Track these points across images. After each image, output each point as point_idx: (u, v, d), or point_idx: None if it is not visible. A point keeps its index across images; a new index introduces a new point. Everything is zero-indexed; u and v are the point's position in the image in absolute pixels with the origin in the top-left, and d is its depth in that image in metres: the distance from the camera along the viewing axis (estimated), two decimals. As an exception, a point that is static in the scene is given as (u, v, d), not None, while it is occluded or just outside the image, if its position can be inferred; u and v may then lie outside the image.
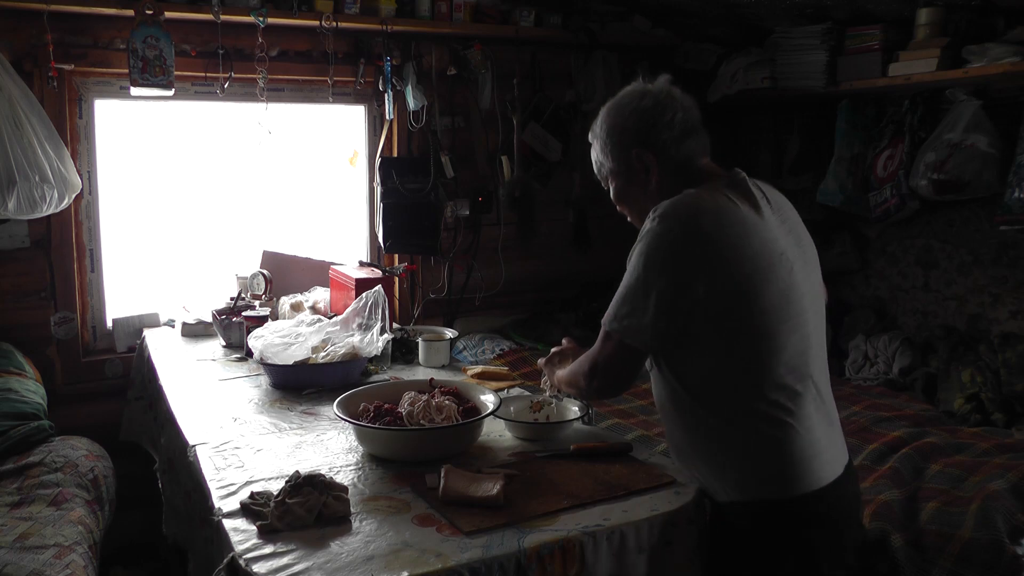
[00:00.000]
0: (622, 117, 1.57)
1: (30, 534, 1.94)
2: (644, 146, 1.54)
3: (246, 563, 1.31)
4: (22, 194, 2.52)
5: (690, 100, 1.58)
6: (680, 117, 1.54)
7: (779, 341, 1.43)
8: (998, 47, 2.56)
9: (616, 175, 1.61)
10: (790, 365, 1.44)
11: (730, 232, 1.41)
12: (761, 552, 1.50)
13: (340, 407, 1.82)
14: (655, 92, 1.56)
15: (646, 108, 1.54)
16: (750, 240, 1.42)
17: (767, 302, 1.41)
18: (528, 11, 3.35)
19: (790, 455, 1.44)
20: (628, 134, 1.55)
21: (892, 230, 3.37)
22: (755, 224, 1.44)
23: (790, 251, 1.47)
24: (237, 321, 2.70)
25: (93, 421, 2.76)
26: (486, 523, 1.43)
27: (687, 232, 1.40)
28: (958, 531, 1.84)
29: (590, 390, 1.61)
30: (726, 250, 1.40)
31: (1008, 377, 2.70)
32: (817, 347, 1.52)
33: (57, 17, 2.67)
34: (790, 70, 3.22)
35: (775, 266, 1.42)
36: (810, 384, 1.48)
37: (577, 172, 3.62)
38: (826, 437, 1.50)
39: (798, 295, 1.46)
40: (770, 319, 1.41)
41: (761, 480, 1.47)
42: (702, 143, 1.57)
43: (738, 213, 1.44)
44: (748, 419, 1.45)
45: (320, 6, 2.92)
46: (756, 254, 1.41)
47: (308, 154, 3.45)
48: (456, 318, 3.50)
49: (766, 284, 1.41)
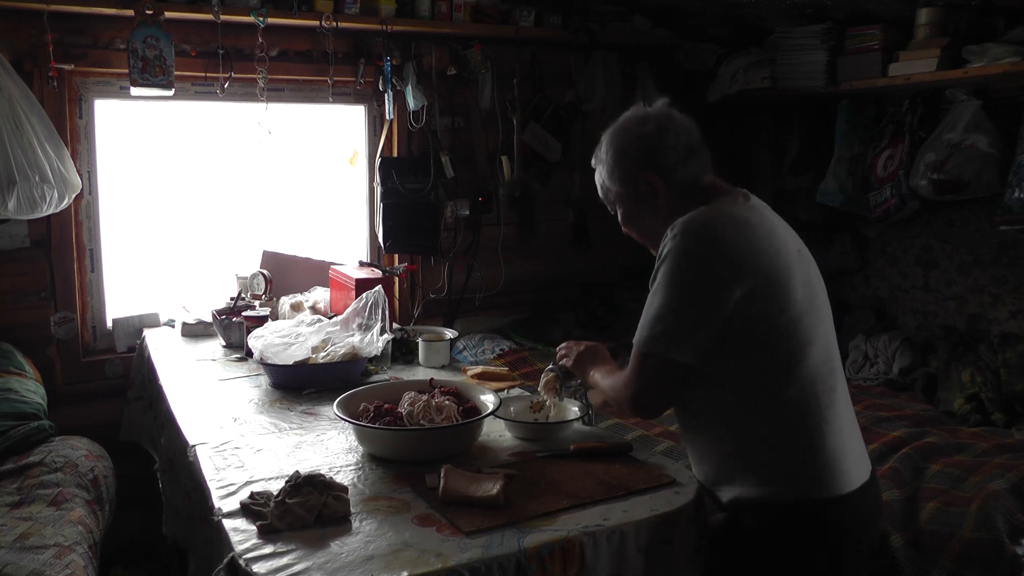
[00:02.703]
0: (626, 143, 1.60)
1: (30, 534, 1.94)
2: (650, 170, 1.57)
3: (246, 563, 1.31)
4: (22, 194, 2.52)
5: (689, 120, 1.61)
6: (683, 140, 1.57)
7: (809, 334, 1.47)
8: (998, 47, 2.56)
9: (623, 199, 1.65)
10: (822, 358, 1.48)
11: (749, 236, 1.46)
12: (779, 557, 1.50)
13: (340, 407, 1.82)
14: (656, 116, 1.60)
15: (650, 134, 1.58)
16: (770, 241, 1.47)
17: (797, 295, 1.46)
18: (528, 11, 3.35)
19: (820, 454, 1.46)
20: (633, 160, 1.59)
21: (892, 230, 3.37)
22: (770, 228, 1.50)
23: (803, 250, 1.54)
24: (237, 321, 2.70)
25: (93, 421, 2.76)
26: (486, 523, 1.43)
27: (710, 243, 1.44)
28: (958, 531, 1.84)
29: (634, 413, 1.60)
30: (750, 254, 1.44)
31: (1008, 377, 2.70)
32: (837, 349, 1.56)
33: (57, 17, 2.67)
34: (790, 70, 3.22)
35: (797, 262, 1.48)
36: (840, 379, 1.52)
37: (577, 172, 3.62)
38: (853, 439, 1.52)
39: (819, 290, 1.52)
40: (800, 312, 1.46)
41: (786, 480, 1.47)
42: (704, 162, 1.61)
43: (751, 220, 1.50)
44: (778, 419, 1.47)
45: (320, 6, 2.92)
46: (778, 253, 1.47)
47: (308, 154, 3.45)
48: (456, 318, 3.50)
49: (792, 280, 1.46)
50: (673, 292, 1.45)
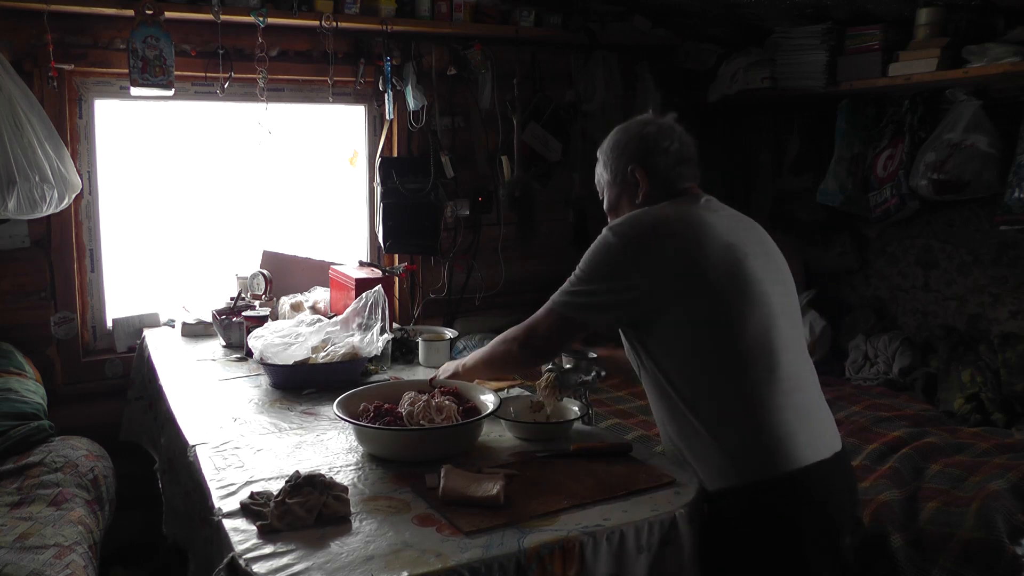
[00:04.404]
0: (627, 137, 1.77)
1: (30, 534, 1.94)
2: (639, 164, 1.73)
3: (246, 563, 1.30)
4: (22, 194, 2.52)
5: (690, 138, 1.77)
6: (676, 148, 1.73)
7: (735, 323, 1.55)
8: (998, 47, 2.56)
9: (611, 187, 1.80)
10: (756, 341, 1.54)
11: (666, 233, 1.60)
12: (746, 537, 1.54)
13: (340, 407, 1.82)
14: (660, 122, 1.77)
15: (649, 134, 1.74)
16: (687, 236, 1.59)
17: (716, 282, 1.55)
18: (528, 11, 3.35)
19: (760, 437, 1.52)
20: (628, 152, 1.75)
21: (892, 230, 3.37)
22: (696, 225, 1.61)
23: (741, 244, 1.61)
24: (237, 321, 2.70)
25: (93, 421, 2.76)
26: (486, 523, 1.43)
27: (626, 239, 1.60)
28: (958, 531, 1.84)
29: (521, 348, 1.76)
30: (662, 249, 1.58)
31: (1008, 377, 2.70)
32: (787, 332, 1.60)
33: (57, 17, 2.67)
34: (790, 70, 3.22)
35: (721, 252, 1.57)
36: (779, 366, 1.55)
37: (577, 172, 3.62)
38: (799, 420, 1.55)
39: (753, 279, 1.58)
40: (723, 296, 1.56)
41: (736, 462, 1.53)
42: (692, 173, 1.75)
43: (679, 218, 1.63)
44: (718, 404, 1.55)
45: (320, 6, 2.92)
46: (692, 246, 1.58)
47: (308, 154, 3.45)
48: (456, 318, 3.50)
49: (713, 267, 1.56)
50: (588, 272, 1.65)
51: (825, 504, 1.54)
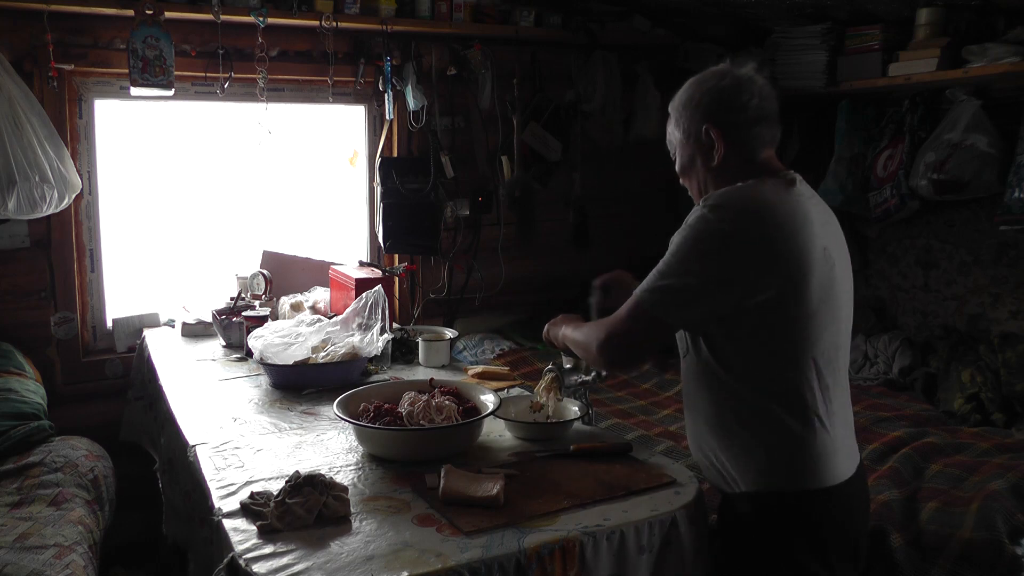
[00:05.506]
0: (700, 92, 1.59)
1: (30, 534, 1.94)
2: (714, 123, 1.54)
3: (246, 563, 1.31)
4: (22, 194, 2.52)
5: (771, 90, 1.58)
6: (755, 103, 1.54)
7: (816, 332, 1.46)
8: (998, 47, 2.56)
9: (684, 146, 1.62)
10: (825, 357, 1.48)
11: (777, 226, 1.44)
12: (768, 544, 1.51)
13: (340, 407, 1.82)
14: (738, 74, 1.58)
15: (724, 87, 1.56)
16: (796, 235, 1.44)
17: (809, 293, 1.44)
18: (528, 11, 3.35)
19: (812, 448, 1.47)
20: (701, 109, 1.57)
21: (892, 230, 3.37)
22: (802, 221, 1.46)
23: (833, 249, 1.50)
24: (237, 321, 2.70)
25: (93, 421, 2.76)
26: (486, 523, 1.43)
27: (736, 227, 1.43)
28: (958, 531, 1.84)
29: (600, 354, 1.57)
30: (773, 244, 1.42)
31: (1008, 377, 2.70)
32: (845, 347, 1.57)
33: (57, 17, 2.67)
34: (790, 70, 3.22)
35: (819, 261, 1.45)
36: (840, 379, 1.52)
37: (577, 172, 3.62)
38: (845, 435, 1.53)
39: (837, 291, 1.50)
40: (809, 310, 1.45)
41: (778, 469, 1.49)
42: (771, 134, 1.57)
43: (785, 209, 1.46)
44: (779, 406, 1.47)
45: (320, 6, 2.92)
46: (801, 249, 1.43)
47: (308, 154, 3.45)
48: (456, 318, 3.50)
49: (809, 277, 1.44)
50: (686, 259, 1.45)
51: (850, 518, 1.53)
